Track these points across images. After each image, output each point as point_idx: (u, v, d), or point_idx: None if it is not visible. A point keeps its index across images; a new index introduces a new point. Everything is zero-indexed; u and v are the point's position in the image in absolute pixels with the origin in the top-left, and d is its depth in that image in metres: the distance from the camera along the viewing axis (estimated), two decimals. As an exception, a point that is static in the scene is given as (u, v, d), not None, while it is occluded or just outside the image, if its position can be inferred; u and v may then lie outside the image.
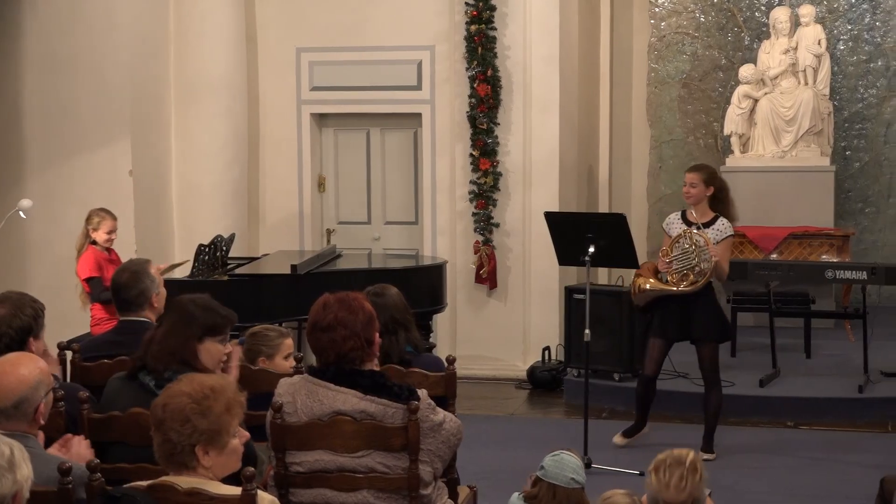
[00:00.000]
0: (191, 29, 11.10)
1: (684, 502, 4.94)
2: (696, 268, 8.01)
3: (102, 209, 9.18)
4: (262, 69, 11.71)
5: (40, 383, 4.06)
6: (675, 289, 8.11)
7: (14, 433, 3.68)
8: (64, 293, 8.85)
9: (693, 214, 8.21)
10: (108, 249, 8.93)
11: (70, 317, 7.79)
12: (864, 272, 10.25)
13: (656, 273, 8.27)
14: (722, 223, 8.18)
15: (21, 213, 9.31)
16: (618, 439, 8.64)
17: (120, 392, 4.74)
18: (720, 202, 8.27)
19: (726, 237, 8.19)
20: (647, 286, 8.29)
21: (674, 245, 8.12)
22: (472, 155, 11.11)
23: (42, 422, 4.11)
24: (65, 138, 10.45)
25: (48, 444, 4.33)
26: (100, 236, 8.83)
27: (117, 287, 5.77)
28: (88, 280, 8.66)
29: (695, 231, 8.06)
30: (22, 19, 10.37)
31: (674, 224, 8.26)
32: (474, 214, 11.15)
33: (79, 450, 4.27)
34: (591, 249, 8.36)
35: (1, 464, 3.24)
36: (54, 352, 5.56)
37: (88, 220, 8.92)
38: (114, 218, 8.97)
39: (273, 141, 11.81)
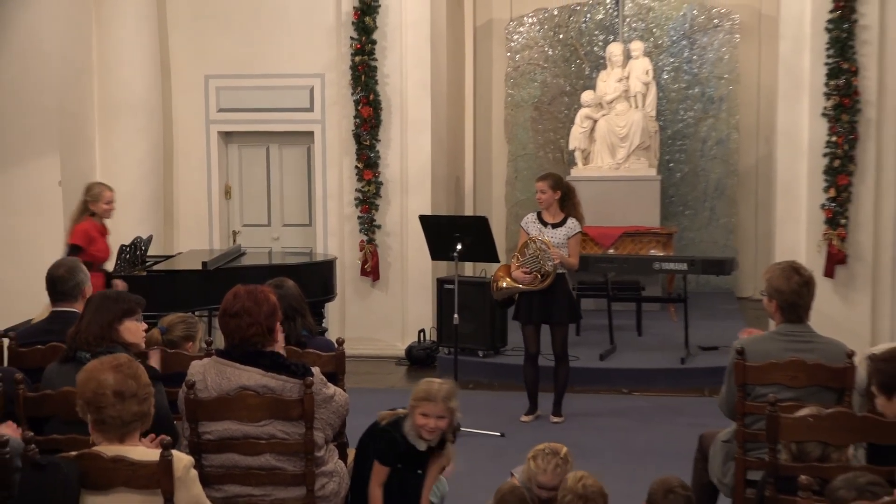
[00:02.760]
0: (112, 56, 10.93)
1: (556, 486, 5.00)
2: (542, 269, 8.10)
3: (100, 182, 9.08)
4: (175, 93, 11.55)
5: None
6: (525, 287, 8.21)
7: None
8: (1, 288, 8.64)
9: (546, 216, 8.31)
10: (103, 222, 8.70)
11: (7, 307, 7.62)
12: (685, 264, 10.47)
13: (510, 273, 8.34)
14: (571, 222, 8.29)
15: (-39, 218, 9.09)
16: (524, 418, 8.68)
17: (58, 374, 4.69)
18: (568, 204, 8.36)
19: (575, 234, 8.29)
20: (504, 284, 8.38)
21: (524, 249, 8.19)
22: (357, 167, 11.09)
23: None
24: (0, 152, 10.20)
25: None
26: (99, 207, 8.61)
27: (54, 280, 5.69)
28: (71, 246, 8.39)
29: (538, 238, 8.14)
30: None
31: (530, 223, 8.34)
32: (359, 218, 11.13)
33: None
34: (459, 247, 8.45)
35: None
36: (-6, 339, 5.48)
37: (88, 191, 8.71)
38: (111, 189, 8.79)
39: (185, 155, 11.66)
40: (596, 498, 4.49)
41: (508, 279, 8.34)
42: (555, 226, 8.26)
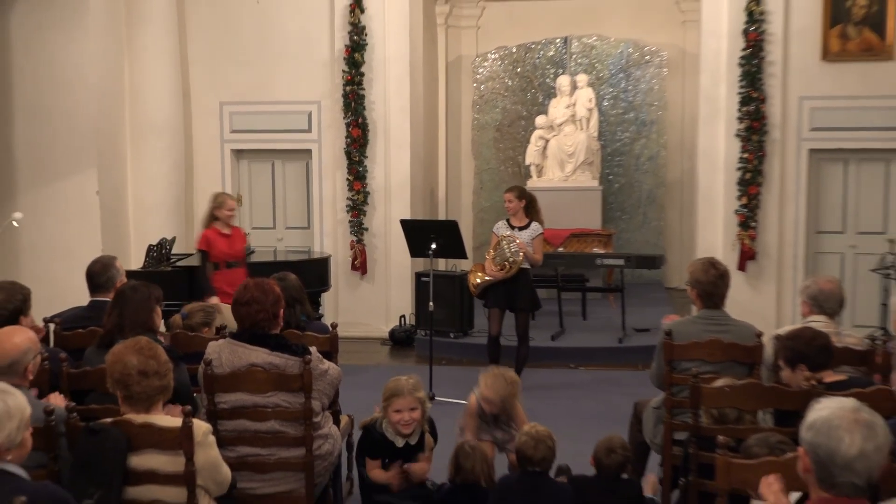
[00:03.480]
0: (141, 86, 10.88)
1: (495, 401, 4.99)
2: (510, 259, 8.11)
3: (224, 192, 8.94)
4: (194, 117, 11.50)
5: (29, 349, 4.04)
6: (496, 277, 8.21)
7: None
8: (47, 281, 8.58)
9: (514, 221, 8.32)
10: (229, 225, 8.38)
11: (54, 297, 7.56)
12: (622, 260, 10.53)
13: (483, 269, 8.35)
14: (535, 226, 8.27)
15: (14, 222, 9.04)
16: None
17: (97, 355, 4.66)
18: (532, 210, 8.36)
19: (538, 235, 8.28)
20: (479, 280, 8.36)
21: (497, 247, 8.20)
22: (348, 179, 11.07)
23: (31, 377, 4.08)
24: (46, 167, 10.17)
25: (40, 394, 4.25)
26: (222, 213, 8.26)
27: (91, 274, 5.69)
28: (198, 251, 8.33)
29: (508, 236, 8.15)
30: (12, 80, 10.06)
31: (501, 227, 8.31)
32: (350, 222, 11.11)
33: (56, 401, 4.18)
34: (433, 246, 8.44)
35: (19, 403, 3.23)
36: (41, 324, 5.43)
37: (214, 199, 8.38)
38: (233, 198, 8.61)
39: (203, 169, 11.61)
40: (545, 439, 4.60)
41: (481, 273, 8.34)
42: (521, 228, 8.25)
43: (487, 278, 8.27)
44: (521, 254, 8.07)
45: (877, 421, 2.69)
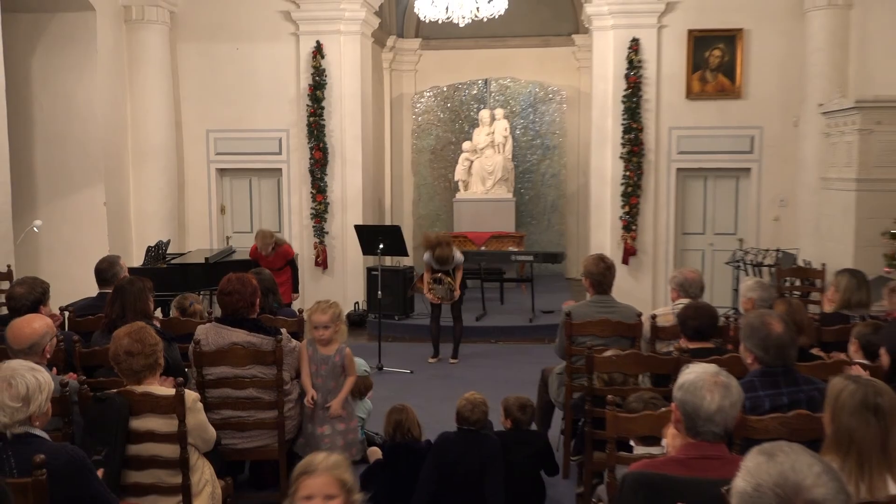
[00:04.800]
0: (141, 116, 10.65)
1: (327, 324, 4.84)
2: (448, 295, 8.19)
3: (261, 230, 8.83)
4: (185, 142, 11.28)
5: (47, 332, 3.98)
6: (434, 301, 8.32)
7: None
8: (63, 277, 8.37)
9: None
10: (269, 248, 8.53)
11: (69, 290, 7.39)
12: (531, 256, 10.61)
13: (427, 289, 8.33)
14: (458, 253, 8.31)
15: (35, 228, 8.79)
16: (431, 360, 8.65)
17: (103, 337, 4.61)
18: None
19: (460, 263, 8.31)
20: (425, 293, 8.37)
21: (435, 284, 8.18)
22: (311, 192, 10.97)
23: (48, 356, 4.02)
24: (62, 183, 9.90)
25: (56, 371, 4.16)
26: (258, 240, 8.61)
27: (99, 270, 5.64)
28: (251, 259, 8.50)
29: (449, 281, 8.15)
30: (33, 112, 9.79)
31: (428, 260, 8.22)
32: (314, 227, 11.01)
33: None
34: (381, 246, 8.41)
35: (47, 378, 3.16)
36: (57, 312, 5.33)
37: (256, 234, 8.70)
38: (264, 235, 8.57)
39: (192, 185, 11.39)
40: (480, 405, 4.62)
41: (426, 287, 8.31)
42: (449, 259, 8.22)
43: (431, 296, 8.29)
44: (456, 292, 8.20)
45: (732, 382, 2.74)
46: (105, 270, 5.56)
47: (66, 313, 5.42)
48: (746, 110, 10.42)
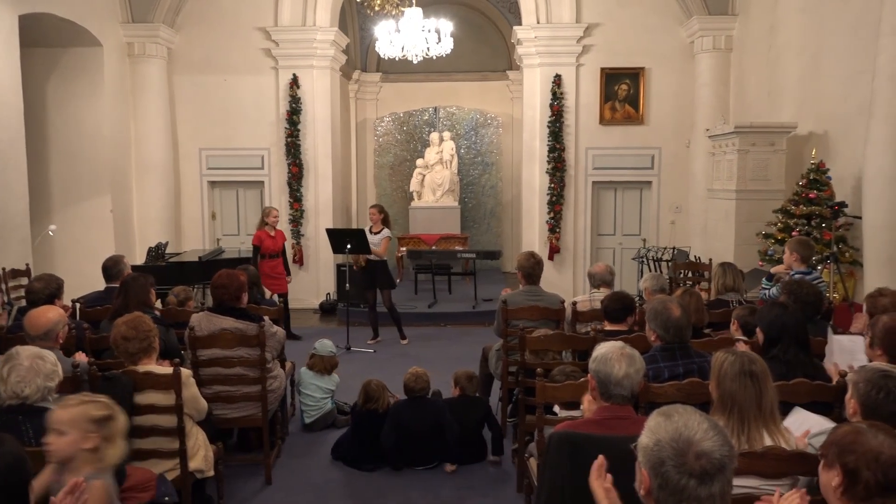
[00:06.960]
0: (143, 135, 10.41)
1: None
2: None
3: (271, 206, 9.14)
4: (181, 158, 11.03)
5: (59, 321, 3.87)
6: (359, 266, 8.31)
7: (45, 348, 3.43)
8: (75, 273, 8.13)
9: (374, 228, 8.32)
10: (274, 229, 8.48)
11: (80, 285, 7.18)
12: (474, 254, 10.60)
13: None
14: (385, 231, 8.31)
15: (50, 232, 8.53)
16: (370, 342, 8.58)
17: (108, 327, 4.44)
18: (385, 221, 8.37)
19: (386, 237, 8.29)
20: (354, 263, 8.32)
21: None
22: (289, 201, 10.82)
23: (61, 341, 3.89)
24: (73, 193, 9.62)
25: (67, 354, 4.03)
26: (270, 219, 8.45)
27: (105, 267, 5.48)
28: (253, 245, 8.49)
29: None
30: (48, 132, 9.49)
31: (366, 230, 8.26)
32: (291, 230, 10.85)
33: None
34: (348, 246, 8.32)
35: (55, 364, 3.10)
36: (69, 304, 5.19)
37: (263, 211, 8.57)
38: (276, 209, 8.61)
39: (187, 195, 11.14)
40: (422, 376, 4.68)
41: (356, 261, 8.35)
42: (376, 233, 8.29)
43: (357, 264, 8.34)
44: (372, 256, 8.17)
45: (635, 354, 2.78)
46: (111, 268, 5.43)
47: (78, 305, 5.28)
48: (648, 134, 10.61)
